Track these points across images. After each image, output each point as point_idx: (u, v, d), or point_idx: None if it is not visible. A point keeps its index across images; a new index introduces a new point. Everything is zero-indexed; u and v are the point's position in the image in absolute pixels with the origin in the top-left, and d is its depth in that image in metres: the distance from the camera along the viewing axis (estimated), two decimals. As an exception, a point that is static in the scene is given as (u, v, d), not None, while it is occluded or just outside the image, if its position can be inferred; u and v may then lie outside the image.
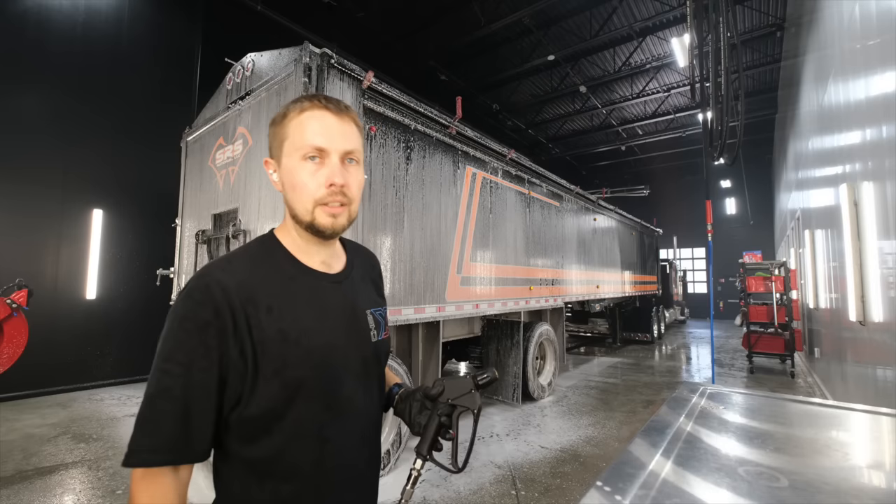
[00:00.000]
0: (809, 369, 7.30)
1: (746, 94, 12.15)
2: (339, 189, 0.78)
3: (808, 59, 6.03)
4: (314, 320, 0.79)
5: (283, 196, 0.82)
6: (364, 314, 0.88)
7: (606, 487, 0.74)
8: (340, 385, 0.80)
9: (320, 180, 0.77)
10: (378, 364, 0.90)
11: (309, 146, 0.77)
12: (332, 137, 0.78)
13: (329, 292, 0.84)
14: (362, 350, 0.85)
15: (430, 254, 3.89)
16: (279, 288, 0.78)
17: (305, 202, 0.78)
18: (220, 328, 0.69)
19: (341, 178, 0.78)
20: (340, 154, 0.79)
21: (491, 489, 3.14)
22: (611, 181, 19.48)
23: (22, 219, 5.29)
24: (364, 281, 0.95)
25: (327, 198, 0.78)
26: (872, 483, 0.81)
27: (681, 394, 1.36)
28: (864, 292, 3.08)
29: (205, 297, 0.70)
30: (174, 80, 6.78)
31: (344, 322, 0.84)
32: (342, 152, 0.79)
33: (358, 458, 0.83)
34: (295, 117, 0.79)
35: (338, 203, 0.79)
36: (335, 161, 0.78)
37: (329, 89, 3.05)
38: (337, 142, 0.79)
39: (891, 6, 2.41)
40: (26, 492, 2.98)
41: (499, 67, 11.29)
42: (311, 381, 0.76)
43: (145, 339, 6.17)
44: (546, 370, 5.90)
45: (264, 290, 0.76)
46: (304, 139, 0.77)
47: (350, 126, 0.82)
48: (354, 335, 0.85)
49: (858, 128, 3.22)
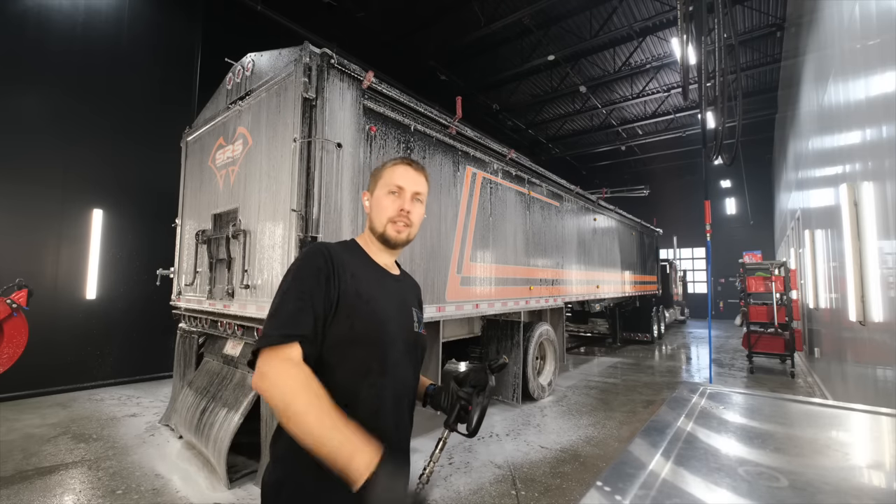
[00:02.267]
0: (809, 369, 7.30)
1: (747, 94, 12.19)
2: (406, 214, 1.12)
3: (808, 59, 6.03)
4: (380, 294, 1.09)
5: (367, 216, 1.18)
6: (411, 309, 1.17)
7: (606, 487, 0.74)
8: (389, 348, 1.05)
9: (395, 206, 1.12)
10: (417, 350, 1.15)
11: (393, 184, 1.13)
12: (408, 181, 1.14)
13: (390, 283, 1.16)
14: (407, 332, 1.13)
15: (430, 254, 3.89)
16: (359, 266, 1.10)
17: (382, 219, 1.13)
18: (326, 272, 1.01)
19: (409, 207, 1.13)
20: (411, 193, 1.14)
21: (491, 489, 3.14)
22: (611, 181, 19.47)
23: (22, 219, 5.28)
24: (411, 291, 1.26)
25: (396, 218, 1.12)
26: (872, 483, 0.81)
27: (681, 394, 1.36)
28: (864, 292, 3.08)
29: (319, 253, 1.04)
30: (174, 80, 6.78)
31: (397, 305, 1.12)
32: (413, 192, 1.14)
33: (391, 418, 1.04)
34: (389, 167, 1.16)
35: (403, 223, 1.13)
36: (407, 196, 1.13)
37: (329, 89, 3.05)
38: (411, 185, 1.14)
39: (891, 6, 2.41)
40: (26, 492, 2.98)
41: (499, 67, 11.29)
42: (370, 333, 1.03)
43: (145, 339, 6.17)
44: (546, 370, 5.90)
45: (350, 263, 1.07)
46: (391, 180, 1.13)
47: (421, 178, 1.17)
48: (403, 318, 1.13)
49: (858, 128, 3.22)
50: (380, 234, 1.13)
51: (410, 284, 1.27)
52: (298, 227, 2.87)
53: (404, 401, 1.09)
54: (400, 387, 1.07)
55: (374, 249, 1.17)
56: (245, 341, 3.52)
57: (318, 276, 0.99)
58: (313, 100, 2.98)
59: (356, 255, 1.13)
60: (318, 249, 1.05)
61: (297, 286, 0.98)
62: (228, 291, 3.51)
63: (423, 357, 1.20)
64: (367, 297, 1.04)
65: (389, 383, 1.04)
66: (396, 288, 1.17)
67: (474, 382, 1.12)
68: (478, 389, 1.11)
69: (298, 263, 1.03)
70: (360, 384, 1.00)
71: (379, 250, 1.17)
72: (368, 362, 1.02)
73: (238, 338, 3.53)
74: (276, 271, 3.07)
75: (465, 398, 1.09)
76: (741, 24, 9.45)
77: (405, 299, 1.17)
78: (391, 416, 1.04)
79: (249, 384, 3.31)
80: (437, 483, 3.20)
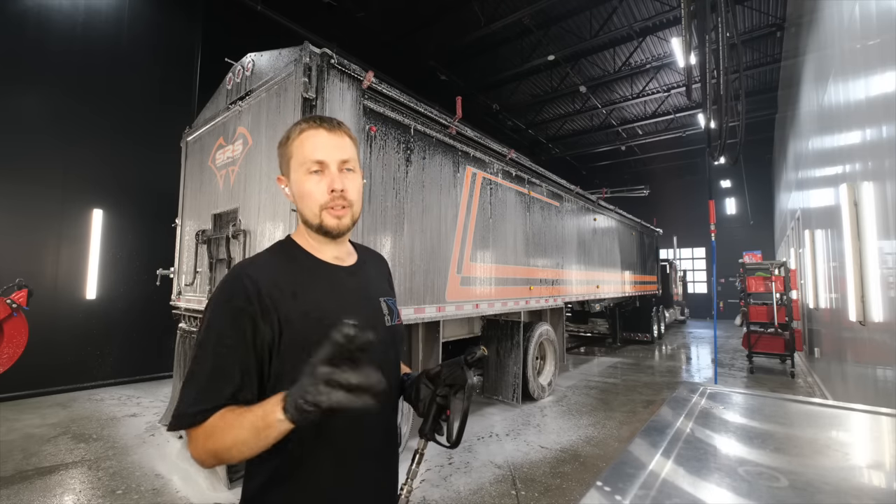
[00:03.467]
0: (809, 369, 7.30)
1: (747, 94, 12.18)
2: (340, 194, 0.91)
3: (808, 59, 6.03)
4: (333, 303, 0.92)
5: (295, 206, 0.96)
6: (378, 301, 1.01)
7: (606, 487, 0.74)
8: None
9: (323, 188, 0.91)
10: (393, 346, 1.01)
11: (310, 161, 0.90)
12: (328, 151, 0.91)
13: (345, 280, 0.97)
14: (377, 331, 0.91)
15: (430, 254, 3.89)
16: (301, 277, 0.92)
17: (313, 208, 0.91)
18: (251, 312, 0.83)
19: (340, 184, 0.91)
20: (337, 164, 0.92)
21: (491, 489, 3.14)
22: (611, 181, 19.47)
23: (22, 219, 5.29)
24: (377, 275, 1.09)
25: (330, 202, 0.91)
26: (872, 483, 0.81)
27: (681, 394, 1.36)
28: (864, 292, 3.08)
29: (239, 289, 0.84)
30: (174, 80, 6.78)
31: (359, 306, 0.96)
32: (338, 162, 0.92)
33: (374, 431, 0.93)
34: (296, 138, 0.93)
35: (340, 206, 0.92)
36: (334, 171, 0.91)
37: (329, 89, 3.05)
38: (333, 154, 0.91)
39: (891, 6, 2.41)
40: (26, 492, 2.98)
41: (499, 67, 11.29)
42: None
43: (145, 339, 6.17)
44: (546, 370, 5.90)
45: (286, 280, 0.89)
46: (305, 155, 0.91)
47: (343, 139, 0.94)
48: (370, 318, 0.97)
49: (858, 128, 3.22)
50: (317, 227, 0.92)
51: (372, 268, 1.08)
52: (298, 227, 2.86)
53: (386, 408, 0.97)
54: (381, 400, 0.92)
55: (316, 245, 0.97)
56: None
57: (238, 322, 0.81)
58: (313, 100, 2.98)
59: (294, 260, 0.94)
60: (238, 284, 0.84)
61: (214, 339, 0.81)
62: (228, 291, 3.50)
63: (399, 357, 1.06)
64: (318, 314, 0.87)
65: None
66: (354, 284, 0.98)
67: (450, 381, 0.95)
68: (455, 389, 0.95)
69: (213, 307, 0.85)
70: None
71: (321, 244, 0.97)
72: None
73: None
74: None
75: (440, 402, 0.95)
76: (741, 24, 9.44)
77: (368, 293, 1.00)
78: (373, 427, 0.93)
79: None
80: (437, 483, 3.20)
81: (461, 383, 0.94)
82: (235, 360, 0.81)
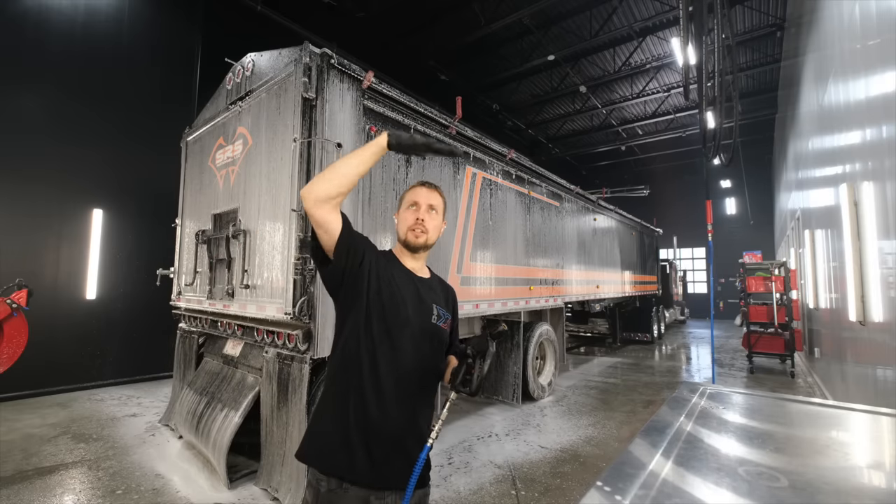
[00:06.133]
0: (809, 369, 7.30)
1: (747, 94, 12.19)
2: (421, 222, 1.38)
3: (808, 59, 6.03)
4: (400, 285, 1.33)
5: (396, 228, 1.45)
6: (431, 305, 1.37)
7: (606, 487, 0.74)
8: (402, 328, 1.28)
9: (413, 217, 1.39)
10: (435, 337, 1.35)
11: (411, 201, 1.41)
12: (422, 197, 1.41)
13: (414, 281, 1.39)
14: (423, 320, 1.33)
15: (430, 254, 3.88)
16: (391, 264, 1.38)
17: (404, 228, 1.39)
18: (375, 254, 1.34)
19: (424, 216, 1.39)
20: (426, 205, 1.40)
21: (491, 489, 3.14)
22: (611, 181, 19.47)
23: (22, 219, 5.28)
24: (438, 293, 1.45)
25: (414, 226, 1.38)
26: (872, 483, 0.81)
27: (681, 394, 1.36)
28: (864, 292, 3.08)
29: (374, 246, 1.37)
30: (174, 80, 6.78)
31: (416, 297, 1.35)
32: (427, 204, 1.40)
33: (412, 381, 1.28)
34: (410, 190, 1.44)
35: (420, 230, 1.38)
36: (423, 208, 1.40)
37: (329, 89, 3.05)
38: (424, 199, 1.40)
39: (891, 6, 2.41)
40: (26, 492, 2.98)
41: (499, 67, 11.29)
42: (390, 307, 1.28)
43: (145, 339, 6.17)
44: (546, 370, 5.90)
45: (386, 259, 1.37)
46: (410, 199, 1.42)
47: (435, 193, 1.43)
48: (421, 308, 1.34)
49: (858, 128, 3.22)
50: (403, 241, 1.39)
51: (438, 287, 1.47)
52: (298, 227, 2.87)
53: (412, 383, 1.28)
54: (410, 362, 1.27)
55: (404, 256, 1.42)
56: (245, 341, 3.52)
57: (369, 243, 1.34)
58: (313, 100, 2.98)
59: (390, 258, 1.40)
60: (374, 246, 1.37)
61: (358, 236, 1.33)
62: (228, 291, 3.51)
63: (440, 348, 1.38)
64: (390, 279, 1.31)
65: (400, 357, 1.26)
66: (419, 286, 1.38)
67: (478, 348, 1.28)
68: (480, 355, 1.28)
69: None
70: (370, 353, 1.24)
71: (407, 256, 1.42)
72: (382, 337, 1.25)
73: (238, 338, 3.53)
74: (275, 271, 3.07)
75: (469, 363, 1.26)
76: (741, 24, 9.45)
77: (426, 296, 1.37)
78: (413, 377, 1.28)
79: (249, 384, 3.31)
80: (438, 483, 3.21)
81: (484, 350, 1.28)
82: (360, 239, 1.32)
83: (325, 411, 1.29)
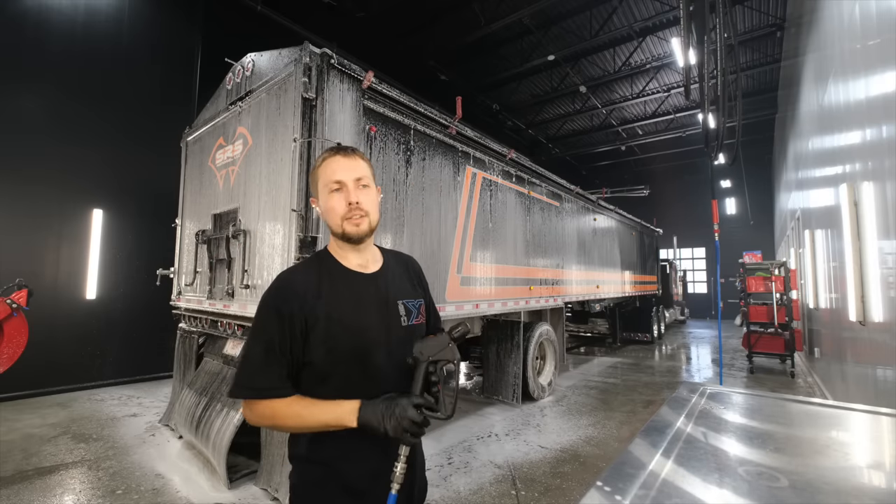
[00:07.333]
0: (809, 369, 7.30)
1: (747, 94, 12.18)
2: (357, 205, 1.09)
3: (808, 59, 6.03)
4: (352, 306, 1.08)
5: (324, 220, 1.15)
6: (396, 305, 1.15)
7: (606, 487, 0.74)
8: (370, 356, 1.07)
9: (343, 202, 1.09)
10: (410, 344, 1.11)
11: (332, 181, 1.10)
12: (344, 172, 1.10)
13: (363, 287, 1.13)
14: (393, 331, 1.11)
15: (430, 254, 3.89)
16: (329, 281, 1.10)
17: (336, 219, 1.10)
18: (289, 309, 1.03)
19: (356, 197, 1.09)
20: (353, 181, 1.10)
21: (491, 489, 3.14)
22: (611, 181, 19.46)
23: (22, 219, 5.28)
24: (401, 278, 1.23)
25: (348, 213, 1.09)
26: (872, 483, 0.81)
27: (681, 394, 1.36)
28: (864, 292, 3.08)
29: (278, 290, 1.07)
30: (174, 80, 6.78)
31: (376, 308, 1.11)
32: (354, 179, 1.10)
33: None
34: (321, 165, 1.13)
35: (358, 216, 1.10)
36: (351, 187, 1.10)
37: (329, 89, 3.05)
38: (348, 173, 1.10)
39: (891, 6, 2.41)
40: (26, 492, 2.98)
41: (499, 67, 11.28)
42: (350, 350, 1.05)
43: (145, 339, 6.17)
44: (546, 370, 5.90)
45: (316, 283, 1.08)
46: (328, 178, 1.11)
47: (357, 161, 1.13)
48: (386, 319, 1.11)
49: (858, 128, 3.22)
50: (341, 235, 1.11)
51: (397, 269, 1.23)
52: (298, 227, 2.87)
53: None
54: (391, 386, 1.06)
55: (346, 253, 1.15)
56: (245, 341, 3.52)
57: (279, 318, 1.02)
58: (313, 100, 2.98)
59: (326, 266, 1.13)
60: (278, 287, 1.08)
61: (262, 328, 1.05)
62: (228, 291, 3.51)
63: None
64: (339, 315, 1.05)
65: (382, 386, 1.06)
66: (374, 288, 1.13)
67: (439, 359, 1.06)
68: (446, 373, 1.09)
69: (260, 304, 1.08)
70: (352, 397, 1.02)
71: (349, 252, 1.15)
72: (356, 376, 1.06)
73: (238, 338, 3.53)
74: (276, 271, 3.07)
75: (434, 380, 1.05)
76: (741, 24, 9.44)
77: (386, 297, 1.14)
78: None
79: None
80: (437, 483, 3.21)
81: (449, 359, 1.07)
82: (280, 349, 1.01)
83: None
